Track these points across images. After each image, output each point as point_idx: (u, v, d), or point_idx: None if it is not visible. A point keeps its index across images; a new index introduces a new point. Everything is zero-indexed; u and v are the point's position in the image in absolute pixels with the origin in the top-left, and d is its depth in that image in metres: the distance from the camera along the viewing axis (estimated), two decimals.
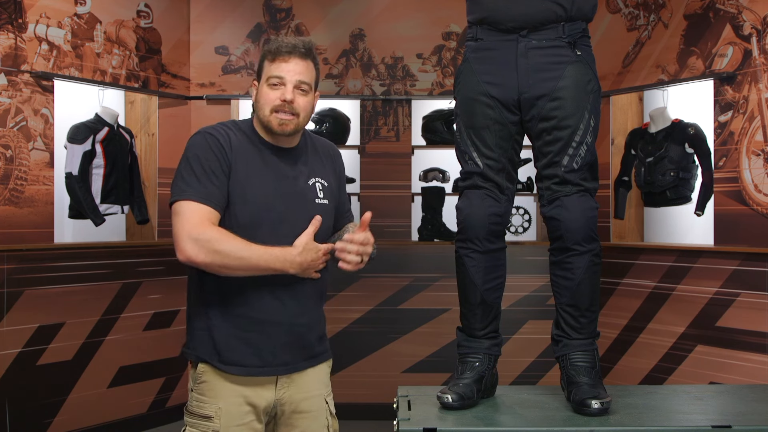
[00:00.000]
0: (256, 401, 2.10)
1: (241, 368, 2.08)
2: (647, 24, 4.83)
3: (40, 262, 4.26)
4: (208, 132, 2.10)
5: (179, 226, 1.99)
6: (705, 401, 2.29)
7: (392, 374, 5.09)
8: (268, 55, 2.13)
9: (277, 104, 2.09)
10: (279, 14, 5.34)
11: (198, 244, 1.95)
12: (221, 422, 2.05)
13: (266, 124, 2.11)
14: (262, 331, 2.08)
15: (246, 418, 2.08)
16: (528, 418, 2.08)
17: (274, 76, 2.10)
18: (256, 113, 2.15)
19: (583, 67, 2.22)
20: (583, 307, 2.23)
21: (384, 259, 5.06)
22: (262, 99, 2.12)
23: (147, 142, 5.06)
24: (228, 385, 2.08)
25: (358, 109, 5.34)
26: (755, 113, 4.10)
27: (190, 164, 2.04)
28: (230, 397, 2.07)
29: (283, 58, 2.11)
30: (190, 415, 2.11)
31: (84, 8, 4.58)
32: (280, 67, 2.11)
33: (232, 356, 2.07)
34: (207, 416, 2.06)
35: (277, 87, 2.10)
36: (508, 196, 2.31)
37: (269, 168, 2.11)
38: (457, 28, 5.31)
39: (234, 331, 2.07)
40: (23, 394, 4.15)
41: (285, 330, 2.11)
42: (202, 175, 2.02)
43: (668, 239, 4.94)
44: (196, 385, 2.10)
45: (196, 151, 2.06)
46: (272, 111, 2.10)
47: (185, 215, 1.99)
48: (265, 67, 2.13)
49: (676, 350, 4.51)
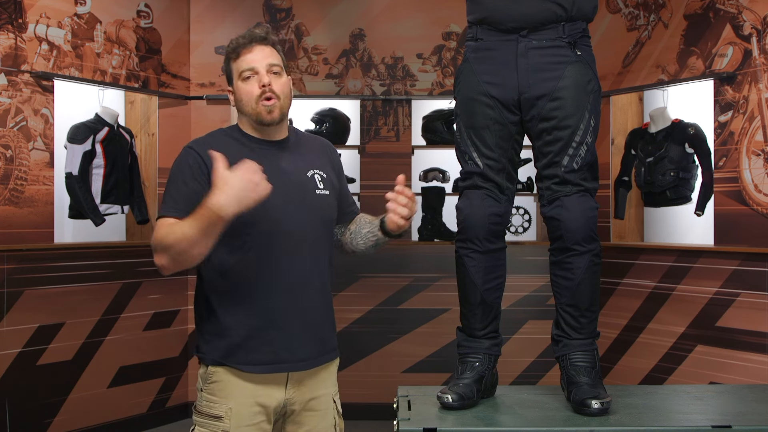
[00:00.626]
0: (267, 401, 2.09)
1: (258, 366, 2.07)
2: (647, 24, 4.83)
3: (40, 262, 4.26)
4: (187, 146, 2.13)
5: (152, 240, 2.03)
6: (705, 401, 2.29)
7: (392, 374, 5.09)
8: (231, 55, 2.16)
9: (257, 92, 2.10)
10: (279, 14, 5.34)
11: (156, 251, 1.99)
12: (231, 422, 2.05)
13: (255, 117, 2.12)
14: (277, 328, 2.08)
15: (256, 418, 2.08)
16: (528, 418, 2.08)
17: (245, 69, 2.12)
18: (241, 114, 2.16)
19: (583, 67, 2.22)
20: (583, 307, 2.23)
21: (384, 259, 5.06)
22: (242, 96, 2.12)
23: (147, 142, 5.06)
24: (239, 386, 2.07)
25: (358, 109, 5.34)
26: (755, 113, 4.10)
27: (168, 183, 2.10)
28: (241, 398, 2.07)
29: (246, 49, 2.13)
30: (199, 414, 2.10)
31: (84, 8, 4.58)
32: (246, 59, 2.13)
33: (248, 356, 2.06)
34: (217, 416, 2.06)
35: (250, 78, 2.12)
36: (508, 196, 2.31)
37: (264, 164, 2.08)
38: (457, 28, 5.31)
39: (249, 330, 2.07)
40: (23, 394, 4.15)
41: (299, 324, 2.10)
42: (174, 190, 2.06)
43: (668, 239, 4.94)
44: (206, 385, 2.10)
45: (174, 168, 2.10)
46: (256, 101, 2.11)
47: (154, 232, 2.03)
48: (233, 67, 2.15)
49: (676, 350, 4.51)
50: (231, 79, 2.17)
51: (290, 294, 2.09)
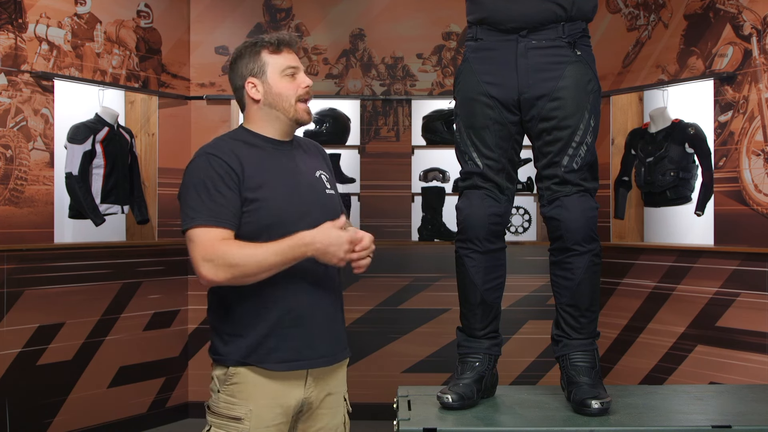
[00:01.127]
0: (287, 402, 2.09)
1: (282, 364, 2.07)
2: (647, 24, 4.83)
3: (40, 262, 4.26)
4: (207, 152, 2.07)
5: (193, 253, 1.99)
6: (705, 401, 2.29)
7: (392, 374, 5.09)
8: (267, 47, 2.11)
9: (302, 92, 2.11)
10: (279, 14, 5.34)
11: (213, 264, 1.95)
12: (251, 424, 2.04)
13: (292, 115, 2.11)
14: (298, 325, 2.08)
15: (276, 419, 2.08)
16: (528, 418, 2.08)
17: (289, 66, 2.11)
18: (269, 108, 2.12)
19: (583, 67, 2.22)
20: (583, 307, 2.23)
21: (384, 259, 5.06)
22: (283, 91, 2.10)
23: (147, 142, 5.06)
24: (260, 387, 2.07)
25: (358, 109, 5.34)
26: (755, 113, 4.10)
27: (195, 190, 2.02)
28: (261, 399, 2.06)
29: (287, 48, 2.13)
30: (216, 415, 2.09)
31: (84, 8, 4.58)
32: (289, 57, 2.12)
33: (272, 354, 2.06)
34: (237, 417, 2.05)
35: (294, 76, 2.11)
36: (508, 196, 2.31)
37: (281, 165, 2.11)
38: (457, 28, 5.31)
39: (271, 328, 2.06)
40: (23, 394, 4.15)
41: (319, 321, 2.12)
42: (207, 198, 2.00)
43: (668, 239, 4.94)
44: (225, 386, 2.08)
45: (198, 174, 2.03)
46: (296, 100, 2.11)
47: (196, 241, 1.99)
48: (269, 59, 2.11)
49: (676, 350, 4.51)
50: (261, 71, 2.11)
51: (310, 291, 2.10)
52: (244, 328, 2.07)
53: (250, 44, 2.13)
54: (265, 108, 2.12)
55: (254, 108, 2.14)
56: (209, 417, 2.11)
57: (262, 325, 2.06)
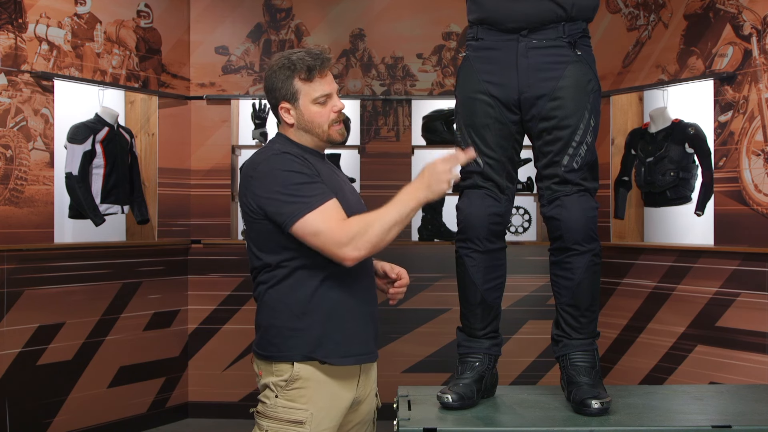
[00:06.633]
0: (343, 403, 2.14)
1: (345, 359, 2.11)
2: (647, 24, 4.83)
3: (40, 262, 4.26)
4: (282, 151, 2.11)
5: (323, 240, 2.02)
6: (705, 401, 2.29)
7: (392, 374, 5.09)
8: (299, 74, 2.12)
9: (333, 117, 2.17)
10: (279, 14, 5.34)
11: (352, 245, 2.02)
12: (312, 427, 2.07)
13: (327, 138, 2.18)
14: (357, 320, 2.15)
15: (334, 421, 2.12)
16: (528, 418, 2.08)
17: (321, 95, 2.14)
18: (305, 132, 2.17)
19: (583, 67, 2.22)
20: (583, 307, 2.23)
21: (384, 259, 5.05)
22: (315, 118, 2.15)
23: (147, 142, 5.06)
24: (321, 387, 2.10)
25: (358, 109, 5.34)
26: (755, 113, 4.10)
27: (291, 180, 2.05)
28: (321, 401, 2.09)
29: (321, 74, 2.15)
30: (272, 420, 2.10)
31: (84, 8, 4.58)
32: (321, 85, 2.15)
33: (335, 348, 2.10)
34: (298, 421, 2.07)
35: (325, 103, 2.15)
36: (508, 196, 2.31)
37: (333, 172, 2.23)
38: (457, 28, 5.31)
39: (334, 323, 2.10)
40: (23, 394, 4.15)
41: (368, 317, 2.19)
42: (308, 181, 2.06)
43: (668, 239, 4.94)
44: (285, 391, 2.09)
45: (287, 167, 2.07)
46: (329, 125, 2.16)
47: (321, 226, 2.02)
48: (302, 87, 2.13)
49: (676, 350, 4.51)
50: (293, 98, 2.14)
51: (364, 287, 2.18)
52: (309, 323, 2.10)
53: (284, 67, 2.14)
54: (299, 130, 2.19)
55: (290, 130, 2.20)
56: (263, 421, 2.11)
57: (326, 320, 2.10)
